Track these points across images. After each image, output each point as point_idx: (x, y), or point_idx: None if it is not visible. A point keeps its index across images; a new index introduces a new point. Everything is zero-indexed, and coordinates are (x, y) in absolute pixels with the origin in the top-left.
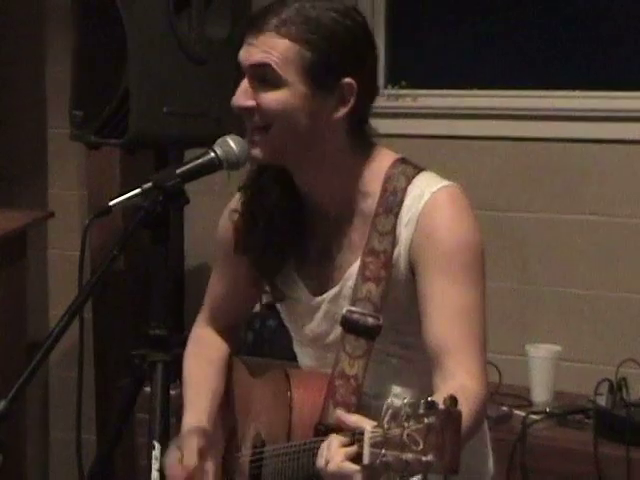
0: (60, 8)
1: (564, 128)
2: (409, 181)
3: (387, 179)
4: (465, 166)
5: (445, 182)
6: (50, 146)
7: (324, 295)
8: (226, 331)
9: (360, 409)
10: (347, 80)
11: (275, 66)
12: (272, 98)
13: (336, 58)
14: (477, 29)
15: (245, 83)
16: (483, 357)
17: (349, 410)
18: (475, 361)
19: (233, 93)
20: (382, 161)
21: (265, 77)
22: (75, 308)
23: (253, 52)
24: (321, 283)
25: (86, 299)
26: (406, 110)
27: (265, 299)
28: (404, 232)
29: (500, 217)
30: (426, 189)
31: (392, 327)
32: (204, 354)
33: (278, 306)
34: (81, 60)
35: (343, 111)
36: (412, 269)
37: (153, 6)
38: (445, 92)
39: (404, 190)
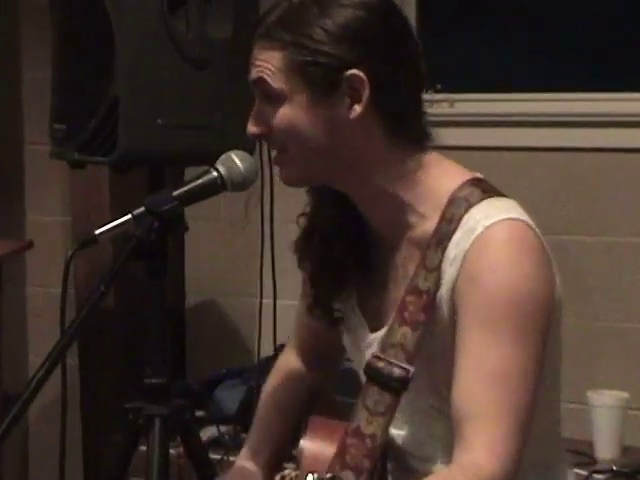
0: (37, 6)
1: (625, 136)
2: (468, 208)
3: (449, 203)
4: (511, 181)
5: (510, 214)
6: (27, 165)
7: (376, 334)
8: (314, 361)
9: (382, 476)
10: (351, 72)
11: (269, 79)
12: (277, 116)
13: (327, 50)
14: (521, 25)
15: (255, 105)
16: (514, 430)
17: (359, 476)
18: (501, 434)
19: (238, 100)
20: (449, 179)
21: (266, 94)
22: (58, 353)
23: (252, 68)
24: (378, 318)
25: (70, 342)
26: (442, 117)
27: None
28: (449, 271)
29: (552, 241)
30: (481, 221)
31: (431, 380)
32: (279, 393)
33: (344, 339)
34: (62, 65)
35: (358, 109)
36: (454, 315)
37: (144, 2)
38: (487, 96)
39: (459, 219)
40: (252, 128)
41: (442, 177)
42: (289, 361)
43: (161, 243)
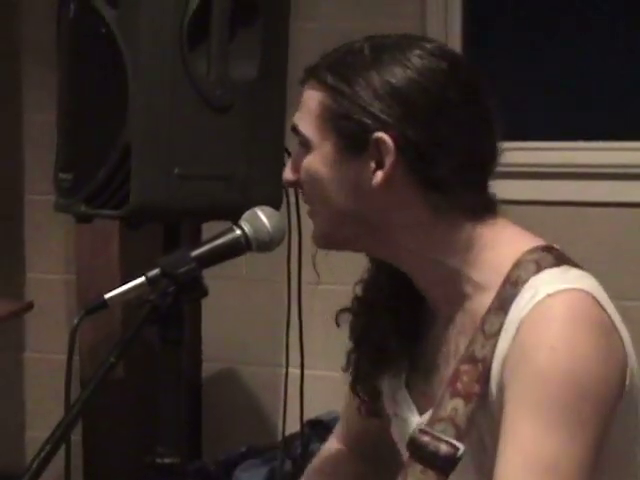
0: (42, 40)
1: None
2: (537, 272)
3: (515, 266)
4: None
5: (579, 284)
6: (28, 217)
7: (425, 416)
8: (358, 452)
9: None
10: (378, 135)
11: (300, 124)
12: (304, 167)
13: (362, 104)
14: (574, 66)
15: (293, 152)
16: None
17: None
18: None
19: (264, 149)
20: (515, 244)
21: (300, 139)
22: (61, 431)
23: (295, 114)
24: (428, 401)
25: (75, 419)
26: None
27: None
28: (503, 340)
29: None
30: (544, 286)
31: (479, 461)
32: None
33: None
34: (69, 108)
35: (380, 176)
36: (503, 393)
37: (161, 40)
38: (536, 144)
39: (525, 282)
40: (287, 174)
41: (506, 244)
42: (333, 446)
43: (177, 308)
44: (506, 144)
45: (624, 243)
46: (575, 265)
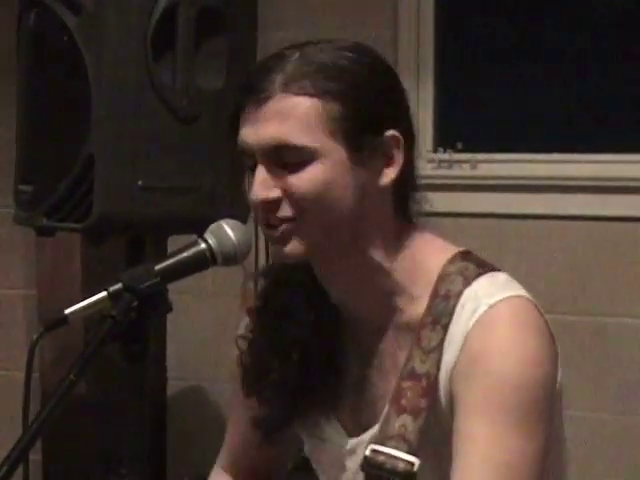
0: (0, 49)
1: None
2: (467, 284)
3: (440, 279)
4: (539, 254)
5: (513, 291)
6: None
7: (362, 436)
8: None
9: None
10: (390, 132)
11: (296, 139)
12: (305, 179)
13: (371, 106)
14: (553, 75)
15: (262, 172)
16: None
17: None
18: None
19: (230, 160)
20: (437, 255)
21: (287, 158)
22: (20, 450)
23: (260, 129)
24: (357, 420)
25: (34, 441)
26: (463, 181)
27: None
28: (449, 352)
29: (583, 323)
30: (483, 299)
31: (438, 472)
32: None
33: (306, 450)
34: (29, 118)
35: (391, 175)
36: (453, 402)
37: (125, 48)
38: (514, 157)
39: (458, 295)
40: (263, 193)
41: (430, 254)
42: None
43: (140, 324)
44: (476, 155)
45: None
46: (492, 266)
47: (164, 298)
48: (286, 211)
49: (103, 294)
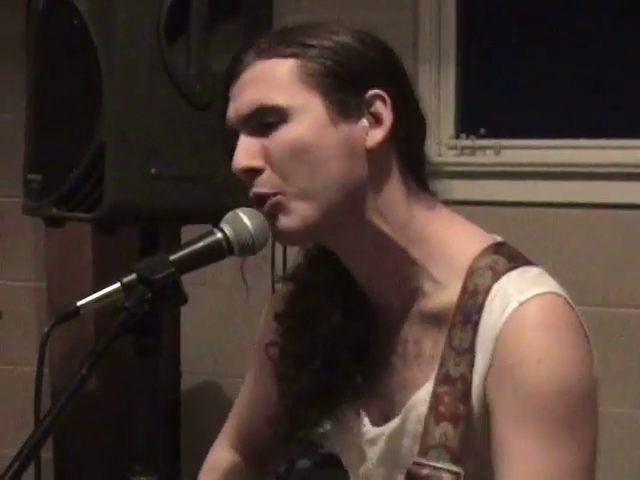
0: (9, 34)
1: None
2: (496, 279)
3: (470, 274)
4: (567, 243)
5: (545, 287)
6: None
7: (382, 427)
8: (253, 459)
9: None
10: (375, 91)
11: (269, 99)
12: (281, 139)
13: (350, 64)
14: (581, 58)
15: (243, 140)
16: None
17: None
18: None
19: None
20: (467, 243)
21: (264, 120)
22: (31, 447)
23: (237, 101)
24: (381, 408)
25: (45, 437)
26: (486, 168)
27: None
28: (480, 354)
29: (612, 314)
30: (513, 295)
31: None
32: None
33: (331, 438)
34: (39, 105)
35: (380, 134)
36: (487, 409)
37: (137, 32)
38: (540, 143)
39: (486, 291)
40: (244, 161)
41: (459, 239)
42: (221, 455)
43: (154, 316)
44: (500, 141)
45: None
46: (525, 260)
47: (179, 289)
48: (271, 180)
49: (116, 285)
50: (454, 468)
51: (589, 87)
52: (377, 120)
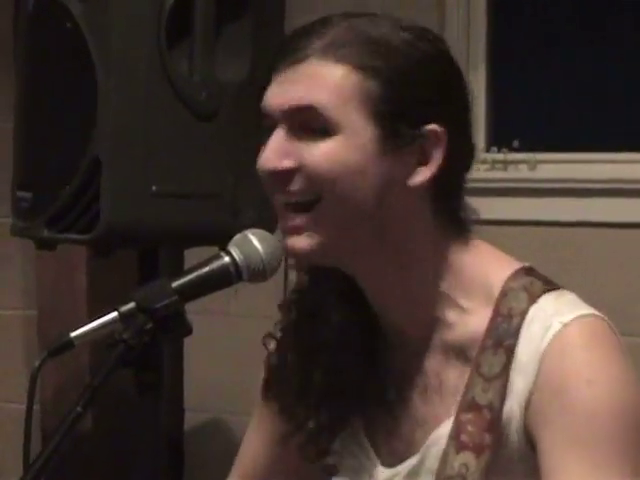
0: None
1: None
2: (532, 301)
3: (502, 296)
4: (607, 266)
5: (586, 309)
6: None
7: (397, 467)
8: None
9: None
10: (431, 127)
11: (324, 106)
12: (322, 152)
13: (414, 93)
14: (622, 64)
15: (278, 137)
16: None
17: None
18: None
19: (255, 162)
20: (497, 268)
21: (309, 124)
22: None
23: (289, 90)
24: (394, 448)
25: (37, 479)
26: (520, 184)
27: None
28: (519, 379)
29: None
30: (555, 317)
31: None
32: None
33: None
34: (28, 115)
35: (425, 175)
36: (529, 438)
37: (136, 36)
38: (578, 156)
39: (523, 314)
40: (272, 162)
41: (488, 265)
42: None
43: (155, 349)
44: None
45: None
46: (558, 285)
47: (182, 319)
48: (298, 191)
49: (114, 315)
50: None
51: (636, 96)
52: (425, 158)
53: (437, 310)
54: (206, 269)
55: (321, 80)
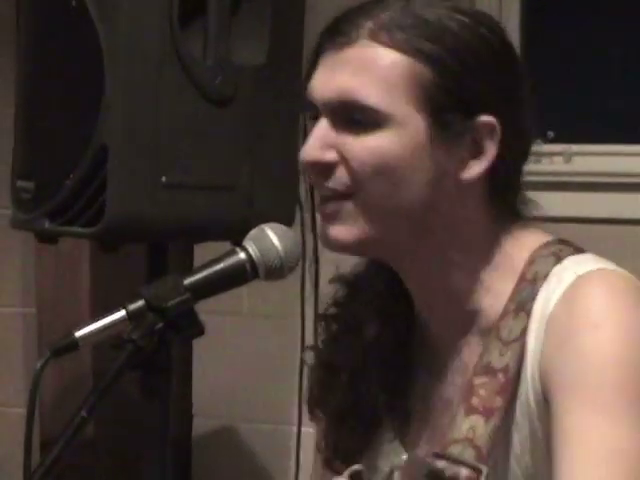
0: None
1: None
2: (557, 262)
3: (529, 263)
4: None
5: (610, 265)
6: None
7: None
8: None
9: None
10: (485, 118)
11: (367, 97)
12: (367, 146)
13: (470, 81)
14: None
15: (322, 127)
16: None
17: None
18: None
19: (273, 152)
20: (529, 242)
21: (354, 116)
22: None
23: (334, 79)
24: (424, 434)
25: None
26: (555, 177)
27: None
28: (532, 337)
29: None
30: (572, 269)
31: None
32: None
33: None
34: (30, 100)
35: (477, 169)
36: (545, 394)
37: (145, 15)
38: (616, 149)
39: (545, 276)
40: (315, 153)
41: (523, 241)
42: None
43: (165, 350)
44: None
45: None
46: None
47: (195, 319)
48: (341, 183)
49: (121, 313)
50: (476, 464)
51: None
52: (478, 150)
53: (473, 299)
54: (220, 265)
55: (367, 67)
